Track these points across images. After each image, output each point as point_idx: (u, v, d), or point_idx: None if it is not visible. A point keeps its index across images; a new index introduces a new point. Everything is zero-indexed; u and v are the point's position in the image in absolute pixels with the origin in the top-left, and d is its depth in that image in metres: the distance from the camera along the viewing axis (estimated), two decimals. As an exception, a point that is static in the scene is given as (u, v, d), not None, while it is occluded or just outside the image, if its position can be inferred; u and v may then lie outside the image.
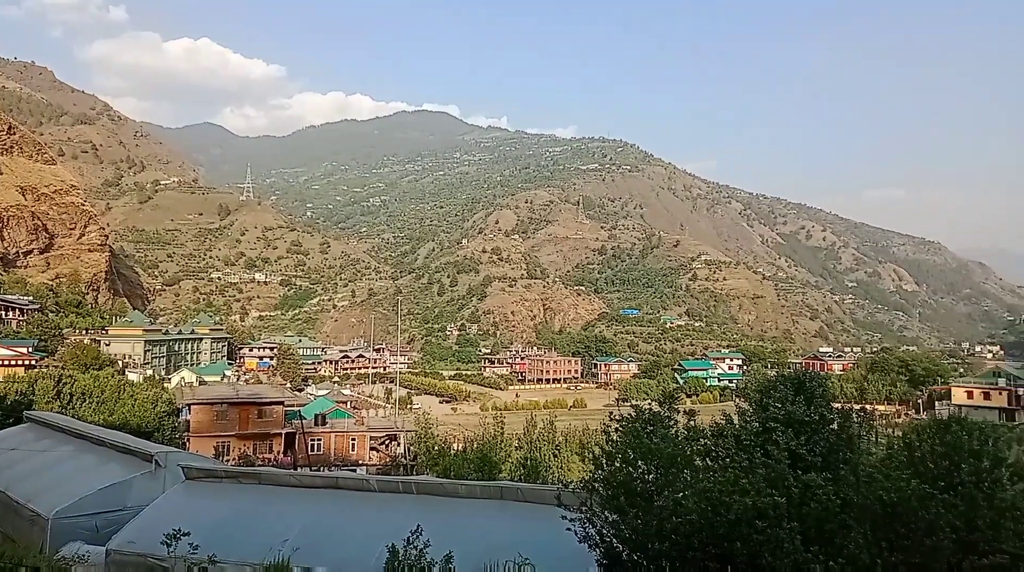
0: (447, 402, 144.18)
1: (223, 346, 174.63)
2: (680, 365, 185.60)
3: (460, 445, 50.79)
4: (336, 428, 63.84)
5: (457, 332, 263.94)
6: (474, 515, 16.16)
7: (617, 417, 15.36)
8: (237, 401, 61.70)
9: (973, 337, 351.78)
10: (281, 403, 63.69)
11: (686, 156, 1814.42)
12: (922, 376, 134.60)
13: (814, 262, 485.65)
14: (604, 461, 13.65)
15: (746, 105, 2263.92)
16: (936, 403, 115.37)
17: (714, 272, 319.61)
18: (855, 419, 19.29)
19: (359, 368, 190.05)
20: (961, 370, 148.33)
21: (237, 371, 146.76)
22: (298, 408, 66.77)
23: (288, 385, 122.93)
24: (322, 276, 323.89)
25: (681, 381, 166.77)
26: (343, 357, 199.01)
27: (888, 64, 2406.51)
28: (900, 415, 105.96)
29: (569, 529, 12.54)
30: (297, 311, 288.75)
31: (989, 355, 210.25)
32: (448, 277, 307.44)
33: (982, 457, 15.20)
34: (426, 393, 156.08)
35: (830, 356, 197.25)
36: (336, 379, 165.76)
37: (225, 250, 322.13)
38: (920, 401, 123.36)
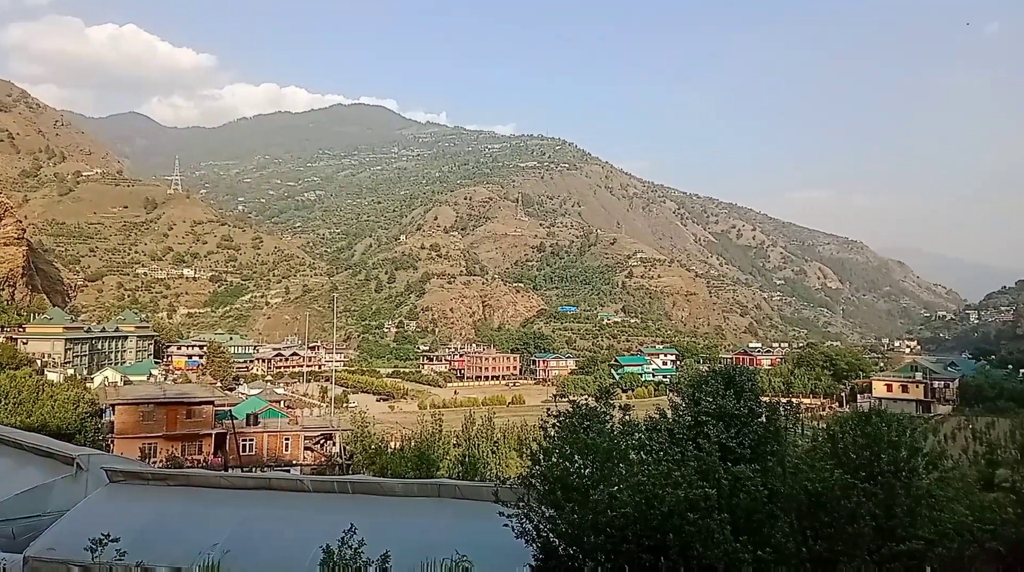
0: (384, 400, 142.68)
1: (149, 344, 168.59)
2: (616, 361, 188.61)
3: (397, 443, 50.35)
4: (269, 428, 62.45)
5: (395, 329, 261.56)
6: (411, 513, 16.07)
7: (554, 413, 15.50)
8: (164, 401, 59.71)
9: (892, 333, 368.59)
10: (211, 403, 61.93)
11: (622, 155, 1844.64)
12: (845, 370, 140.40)
13: (744, 260, 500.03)
14: (541, 457, 13.75)
15: (679, 106, 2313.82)
16: (858, 396, 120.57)
17: (649, 270, 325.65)
18: (782, 412, 19.98)
19: (293, 366, 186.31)
20: (881, 364, 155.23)
21: (164, 370, 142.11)
22: (229, 408, 65.00)
23: (218, 384, 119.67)
24: (254, 272, 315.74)
25: (617, 377, 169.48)
26: (276, 355, 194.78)
27: (814, 70, 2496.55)
28: (824, 408, 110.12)
29: (506, 525, 12.60)
30: (228, 308, 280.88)
31: (907, 350, 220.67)
32: (386, 273, 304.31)
33: (900, 447, 15.97)
34: (363, 391, 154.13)
35: (759, 351, 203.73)
36: (269, 378, 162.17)
37: (152, 245, 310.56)
38: (843, 394, 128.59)
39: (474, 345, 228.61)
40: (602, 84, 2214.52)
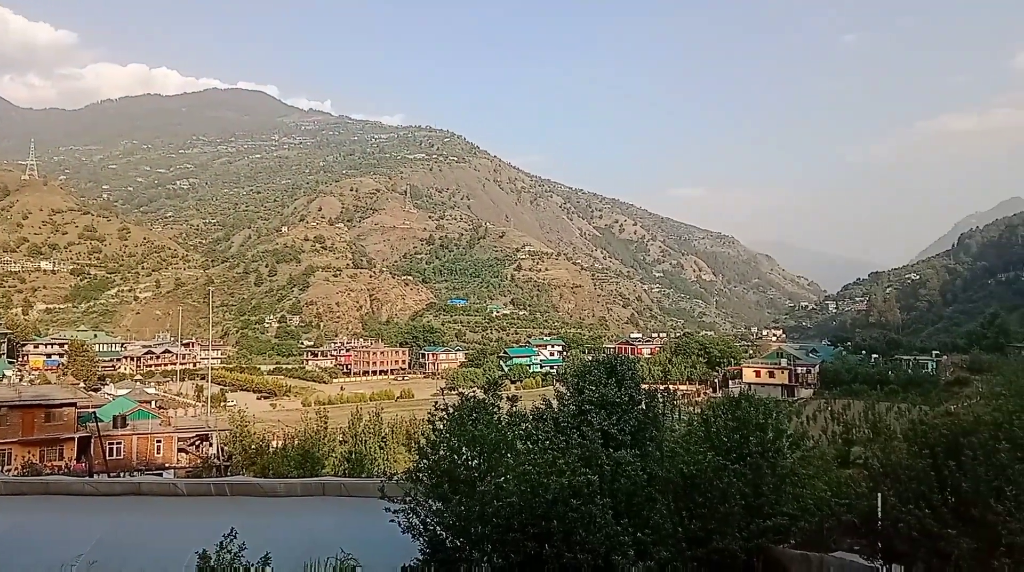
0: (266, 398, 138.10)
1: (1, 343, 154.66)
2: (505, 353, 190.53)
3: (280, 442, 48.73)
4: (139, 430, 58.85)
5: (277, 324, 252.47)
6: (294, 513, 15.66)
7: (443, 406, 15.51)
8: (19, 404, 54.97)
9: (760, 322, 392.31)
10: (73, 404, 57.58)
11: (511, 150, 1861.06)
12: (718, 358, 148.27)
13: (626, 254, 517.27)
14: (429, 450, 13.76)
15: (565, 103, 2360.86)
16: (729, 382, 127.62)
17: (537, 263, 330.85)
18: (660, 399, 20.91)
19: (165, 365, 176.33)
20: (750, 352, 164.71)
21: (20, 370, 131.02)
22: (93, 409, 60.63)
23: (81, 385, 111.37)
24: (121, 265, 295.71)
25: (506, 368, 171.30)
26: (146, 353, 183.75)
27: (692, 74, 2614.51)
28: (699, 394, 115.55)
29: (393, 521, 12.52)
30: (92, 303, 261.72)
31: (773, 338, 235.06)
32: (266, 266, 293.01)
33: (767, 430, 17.09)
34: (242, 389, 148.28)
35: (640, 341, 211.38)
36: (139, 377, 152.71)
37: (4, 235, 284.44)
38: (716, 380, 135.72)
39: (361, 339, 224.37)
40: (491, 78, 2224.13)
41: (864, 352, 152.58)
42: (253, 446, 44.49)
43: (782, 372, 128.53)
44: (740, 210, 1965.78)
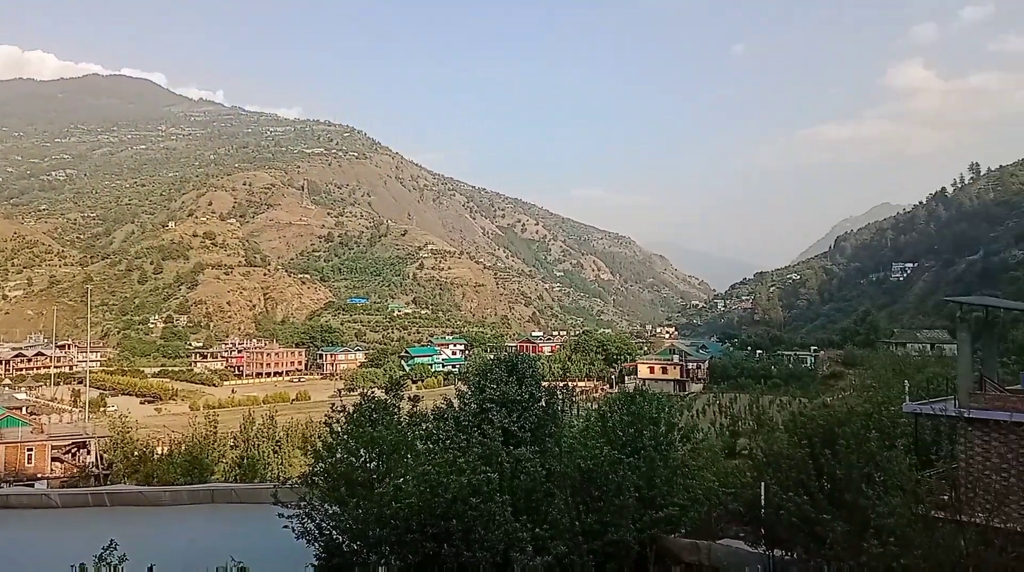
0: (150, 402, 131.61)
1: None
2: (407, 352, 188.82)
3: (165, 449, 46.33)
4: (7, 438, 54.63)
5: (163, 325, 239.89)
6: (181, 522, 14.99)
7: (341, 408, 15.21)
8: None
9: (655, 320, 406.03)
10: (-71, 414, 52.74)
11: (413, 147, 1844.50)
12: (615, 354, 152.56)
13: (528, 253, 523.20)
14: (325, 453, 13.46)
15: (466, 103, 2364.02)
16: (626, 378, 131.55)
17: (440, 261, 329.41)
18: (559, 396, 21.29)
19: (38, 368, 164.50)
20: (645, 349, 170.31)
21: None
22: (-46, 418, 55.91)
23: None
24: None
25: (408, 368, 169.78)
26: (16, 356, 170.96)
27: (591, 79, 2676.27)
28: (597, 390, 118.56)
29: (287, 527, 12.17)
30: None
31: (666, 335, 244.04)
32: (152, 263, 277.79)
33: (660, 423, 17.70)
34: (124, 393, 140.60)
35: (541, 339, 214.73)
36: (7, 382, 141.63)
37: None
38: (613, 377, 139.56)
39: (254, 340, 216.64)
40: (393, 74, 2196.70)
41: (749, 348, 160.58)
42: (136, 453, 42.01)
43: (674, 368, 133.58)
44: (636, 212, 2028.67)
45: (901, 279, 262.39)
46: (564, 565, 12.14)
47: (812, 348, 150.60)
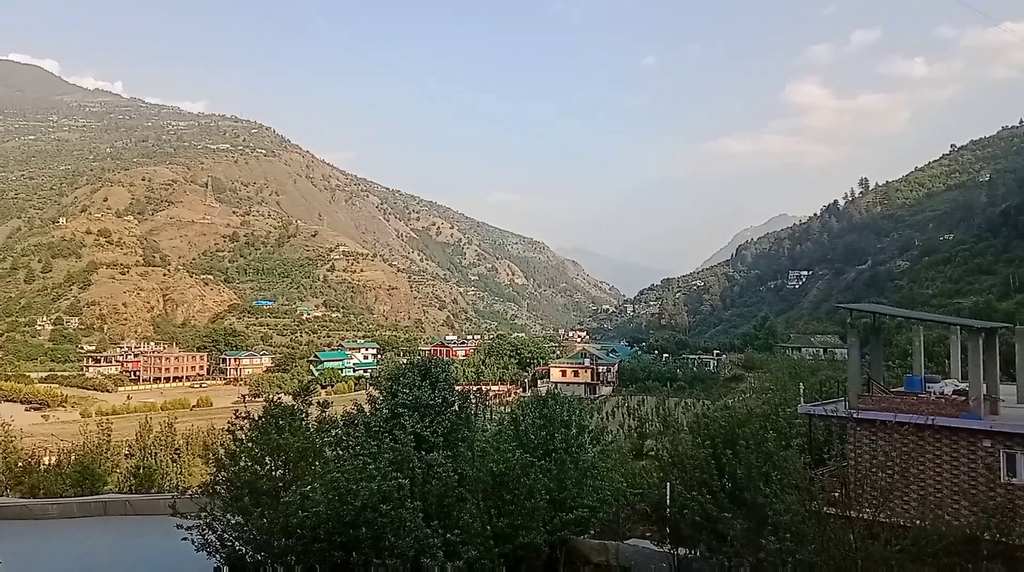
0: (36, 409, 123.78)
1: None
2: (316, 356, 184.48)
3: (53, 458, 43.42)
4: None
5: (51, 327, 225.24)
6: (71, 537, 14.12)
7: (244, 414, 14.69)
8: None
9: (567, 324, 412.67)
10: None
11: (325, 146, 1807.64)
12: (529, 358, 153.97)
13: (443, 256, 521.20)
14: (228, 461, 12.98)
15: (381, 102, 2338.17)
16: (539, 381, 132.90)
17: (352, 263, 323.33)
18: (473, 400, 21.30)
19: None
20: (558, 352, 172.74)
21: None
22: None
23: None
24: None
25: (317, 373, 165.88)
26: None
27: (508, 84, 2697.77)
28: (511, 394, 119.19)
29: (186, 539, 11.66)
30: None
31: (578, 339, 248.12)
32: (40, 261, 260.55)
33: (571, 426, 17.95)
34: (7, 400, 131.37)
35: (455, 343, 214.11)
36: None
37: None
38: (526, 380, 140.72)
39: (153, 344, 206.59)
40: (303, 70, 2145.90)
41: (657, 352, 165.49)
42: (20, 464, 39.14)
43: (585, 371, 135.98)
44: (549, 217, 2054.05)
45: (797, 286, 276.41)
46: (475, 569, 12.14)
47: (715, 352, 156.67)
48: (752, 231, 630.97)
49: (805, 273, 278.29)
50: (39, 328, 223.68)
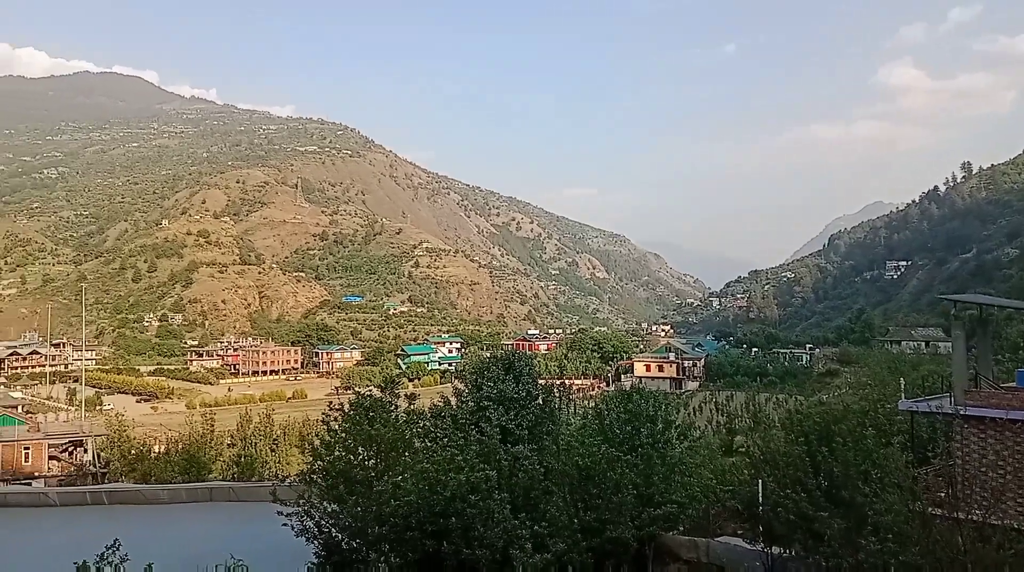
0: (146, 401, 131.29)
1: None
2: (403, 350, 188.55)
3: (162, 447, 46.21)
4: (3, 437, 54.48)
5: (158, 323, 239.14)
6: (180, 520, 14.97)
7: (338, 406, 15.20)
8: None
9: (650, 318, 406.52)
10: (-77, 413, 52.58)
11: (407, 145, 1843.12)
12: (611, 352, 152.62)
13: (523, 251, 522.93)
14: (323, 451, 13.45)
15: (461, 100, 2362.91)
16: (622, 376, 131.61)
17: (435, 260, 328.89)
18: (556, 394, 21.35)
19: (33, 367, 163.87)
20: (641, 347, 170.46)
21: None
22: (-51, 417, 55.74)
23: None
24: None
25: (404, 366, 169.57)
26: (11, 354, 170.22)
27: (584, 73, 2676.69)
28: (593, 388, 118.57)
29: (286, 524, 12.17)
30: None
31: (662, 333, 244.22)
32: (146, 262, 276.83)
33: (657, 421, 17.75)
34: (120, 392, 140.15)
35: (537, 337, 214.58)
36: (2, 380, 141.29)
37: None
38: (609, 374, 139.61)
39: (250, 338, 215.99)
40: (386, 71, 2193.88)
41: (745, 346, 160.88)
42: (133, 452, 41.90)
43: (670, 366, 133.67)
44: (631, 210, 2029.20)
45: (895, 277, 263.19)
46: (563, 562, 12.18)
47: (807, 346, 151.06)
48: (845, 220, 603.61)
49: (904, 263, 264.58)
50: (147, 324, 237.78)
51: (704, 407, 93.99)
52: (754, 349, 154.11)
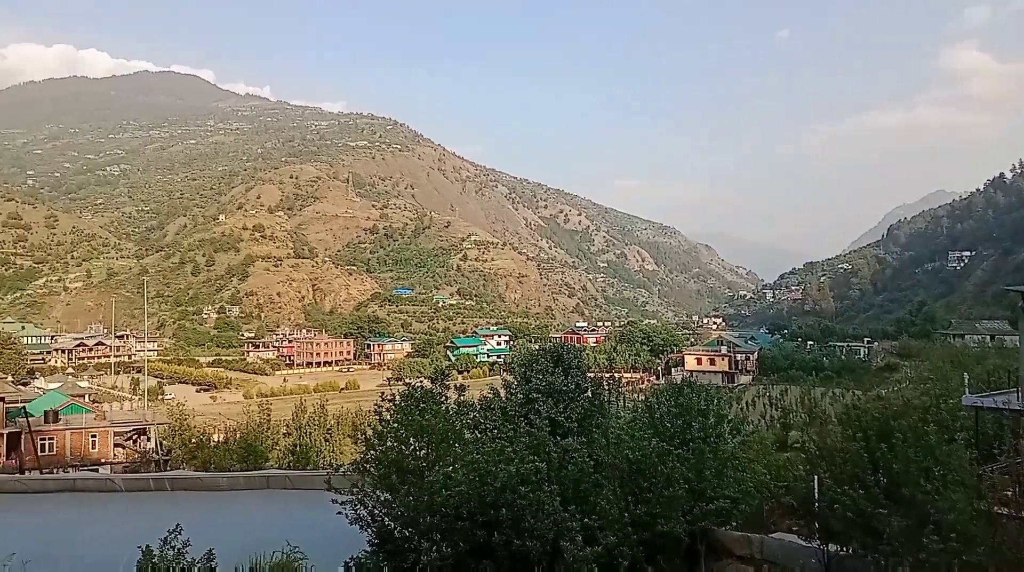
0: (205, 390, 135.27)
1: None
2: (452, 342, 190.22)
3: (221, 436, 47.61)
4: (72, 425, 56.85)
5: (216, 315, 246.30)
6: (239, 507, 15.41)
7: (390, 397, 15.41)
8: (-61, 400, 52.40)
9: (701, 310, 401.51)
10: (1, 399, 55.23)
11: (455, 139, 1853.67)
12: (661, 345, 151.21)
13: (571, 244, 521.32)
14: (376, 441, 13.66)
15: (508, 93, 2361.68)
16: (672, 369, 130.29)
17: (483, 253, 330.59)
18: (606, 387, 21.25)
19: (98, 357, 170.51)
20: (692, 340, 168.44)
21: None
22: (23, 404, 58.38)
23: (9, 378, 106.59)
24: (49, 254, 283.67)
25: (453, 358, 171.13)
26: (78, 345, 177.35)
27: (627, 67, 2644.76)
28: (643, 381, 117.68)
29: (340, 513, 12.41)
30: (18, 294, 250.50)
31: (714, 326, 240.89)
32: (204, 255, 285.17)
33: (708, 415, 17.51)
34: (180, 382, 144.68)
35: (585, 330, 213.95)
36: (70, 370, 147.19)
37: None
38: (659, 368, 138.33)
39: (304, 330, 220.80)
40: (433, 66, 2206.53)
41: (800, 339, 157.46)
42: (193, 440, 43.28)
43: (722, 359, 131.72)
44: (680, 201, 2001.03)
45: (958, 268, 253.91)
46: (614, 556, 12.13)
47: (865, 339, 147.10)
48: (905, 209, 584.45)
49: (967, 253, 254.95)
50: (205, 316, 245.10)
51: (757, 401, 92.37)
52: (809, 342, 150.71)
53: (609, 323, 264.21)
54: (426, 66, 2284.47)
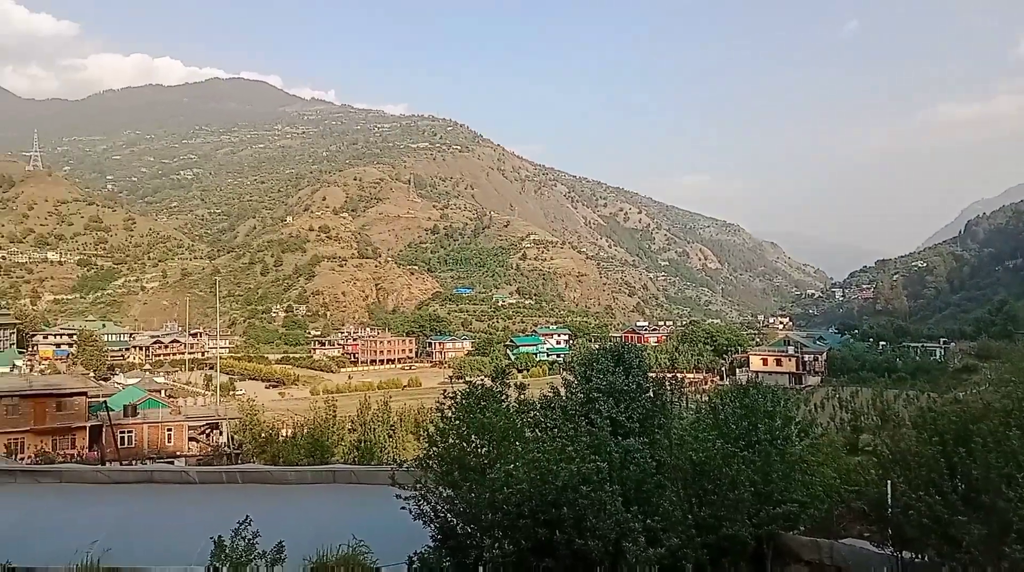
0: (274, 387, 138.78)
1: (11, 333, 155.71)
2: (512, 341, 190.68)
3: (289, 431, 48.94)
4: (149, 419, 59.30)
5: (284, 314, 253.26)
6: (306, 501, 15.77)
7: (451, 394, 15.55)
8: (31, 393, 55.40)
9: (767, 310, 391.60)
10: (84, 394, 58.05)
11: (514, 139, 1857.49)
12: (725, 345, 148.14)
13: (631, 242, 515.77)
14: (438, 438, 13.80)
15: (567, 92, 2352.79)
16: (737, 370, 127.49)
17: (542, 252, 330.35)
18: (668, 387, 20.97)
19: (173, 354, 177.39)
20: (757, 340, 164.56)
21: (30, 361, 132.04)
22: (104, 398, 61.18)
23: (92, 374, 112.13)
24: (127, 255, 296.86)
25: (513, 357, 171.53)
26: (155, 343, 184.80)
27: (692, 64, 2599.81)
28: (707, 382, 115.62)
29: (404, 508, 12.58)
30: (99, 294, 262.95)
31: (780, 326, 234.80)
32: (272, 256, 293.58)
33: (775, 417, 17.08)
34: (250, 378, 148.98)
35: (646, 329, 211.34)
36: (147, 367, 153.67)
37: (10, 226, 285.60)
38: (723, 368, 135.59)
39: (368, 329, 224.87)
40: (493, 67, 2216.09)
41: (871, 339, 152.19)
42: (263, 434, 44.63)
43: (789, 360, 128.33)
44: (745, 198, 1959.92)
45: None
46: (677, 558, 11.97)
47: (942, 340, 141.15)
48: (984, 204, 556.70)
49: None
50: (274, 315, 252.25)
51: (826, 403, 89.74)
52: (881, 343, 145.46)
53: (670, 322, 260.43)
54: (485, 66, 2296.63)
